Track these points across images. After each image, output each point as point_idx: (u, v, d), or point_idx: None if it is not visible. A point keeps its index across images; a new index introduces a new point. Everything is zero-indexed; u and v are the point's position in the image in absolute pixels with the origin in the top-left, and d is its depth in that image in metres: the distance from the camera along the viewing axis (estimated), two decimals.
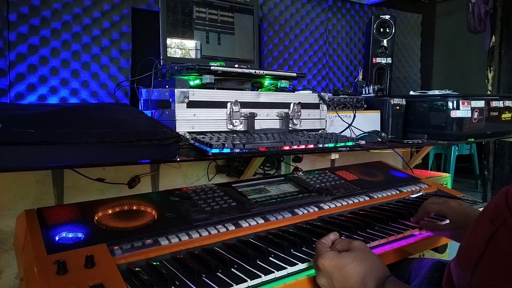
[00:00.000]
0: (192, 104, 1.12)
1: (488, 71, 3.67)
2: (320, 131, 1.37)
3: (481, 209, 1.12)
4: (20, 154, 0.75)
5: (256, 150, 1.03)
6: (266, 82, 1.39)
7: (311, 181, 1.22)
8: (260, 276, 0.70)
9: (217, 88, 1.23)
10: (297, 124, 1.31)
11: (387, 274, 0.68)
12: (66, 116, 0.94)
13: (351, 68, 2.20)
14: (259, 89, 1.38)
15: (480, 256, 0.51)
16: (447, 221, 0.96)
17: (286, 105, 1.29)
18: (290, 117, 1.29)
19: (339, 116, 1.42)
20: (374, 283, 0.66)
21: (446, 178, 2.09)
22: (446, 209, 0.94)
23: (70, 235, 0.78)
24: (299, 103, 1.30)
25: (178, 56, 1.43)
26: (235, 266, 0.73)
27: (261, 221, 0.93)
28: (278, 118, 1.28)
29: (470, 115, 1.55)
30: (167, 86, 1.18)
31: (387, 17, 1.99)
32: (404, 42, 2.40)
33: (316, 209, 1.04)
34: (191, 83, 1.25)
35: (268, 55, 1.88)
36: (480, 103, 1.58)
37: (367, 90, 1.83)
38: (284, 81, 1.38)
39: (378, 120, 1.62)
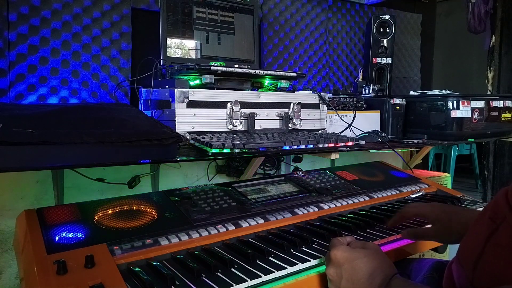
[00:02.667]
0: (192, 104, 1.12)
1: (488, 71, 3.67)
2: (320, 131, 1.37)
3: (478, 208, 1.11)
4: (20, 154, 0.75)
5: (256, 150, 1.03)
6: (266, 82, 1.39)
7: (311, 181, 1.22)
8: (260, 276, 0.70)
9: (217, 88, 1.23)
10: (297, 124, 1.31)
11: (394, 272, 0.68)
12: (66, 116, 0.94)
13: (351, 68, 2.20)
14: (259, 89, 1.38)
15: (481, 253, 0.51)
16: (429, 226, 0.90)
17: (286, 105, 1.29)
18: (290, 117, 1.29)
19: (339, 116, 1.42)
20: (381, 278, 0.66)
21: (446, 178, 2.09)
22: (425, 211, 0.90)
23: (70, 235, 0.78)
24: (299, 103, 1.30)
25: (178, 56, 1.43)
26: (235, 266, 0.73)
27: (261, 221, 0.93)
28: (278, 118, 1.28)
29: (470, 115, 1.55)
30: (167, 86, 1.18)
31: (387, 17, 1.99)
32: (404, 42, 2.40)
33: (316, 209, 1.04)
34: (191, 83, 1.25)
35: (268, 55, 1.88)
36: (480, 103, 1.58)
37: (367, 90, 1.83)
38: (284, 81, 1.38)
39: (378, 120, 1.62)
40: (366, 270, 0.68)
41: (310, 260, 0.77)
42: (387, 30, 2.00)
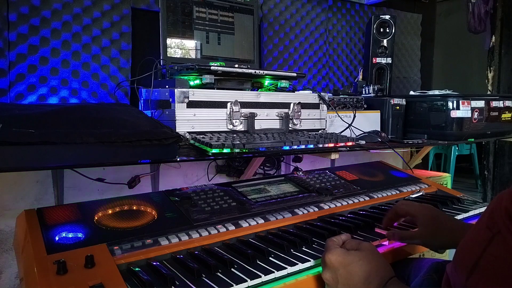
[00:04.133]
0: (192, 104, 1.12)
1: (488, 71, 3.67)
2: (320, 131, 1.37)
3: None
4: (20, 154, 0.75)
5: (256, 150, 1.03)
6: (266, 82, 1.39)
7: (311, 181, 1.22)
8: (260, 276, 0.70)
9: (217, 88, 1.23)
10: (297, 124, 1.31)
11: (391, 275, 0.68)
12: (66, 116, 0.94)
13: (351, 68, 2.20)
14: (259, 89, 1.38)
15: (476, 262, 0.51)
16: (416, 229, 0.88)
17: (286, 105, 1.29)
18: (290, 117, 1.29)
19: (339, 116, 1.42)
20: (378, 282, 0.66)
21: (446, 178, 2.09)
22: (415, 212, 0.88)
23: (70, 235, 0.78)
24: (299, 103, 1.30)
25: (178, 56, 1.43)
26: (235, 266, 0.73)
27: (261, 221, 0.93)
28: (278, 118, 1.28)
29: (470, 115, 1.55)
30: (167, 86, 1.18)
31: (387, 17, 1.99)
32: (404, 42, 2.40)
33: (316, 209, 1.04)
34: (191, 83, 1.25)
35: (268, 55, 1.88)
36: (480, 103, 1.58)
37: (367, 90, 1.83)
38: (284, 81, 1.38)
39: (378, 120, 1.62)
40: (362, 274, 0.68)
41: (310, 260, 0.77)
42: (387, 30, 2.00)
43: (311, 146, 1.12)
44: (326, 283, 0.72)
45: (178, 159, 0.97)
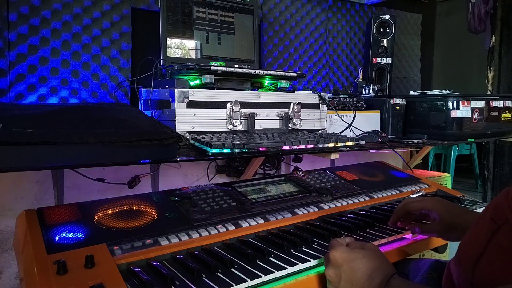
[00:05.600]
0: (192, 104, 1.12)
1: (488, 71, 3.67)
2: (320, 131, 1.37)
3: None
4: (20, 154, 0.75)
5: (256, 150, 1.03)
6: (266, 82, 1.39)
7: (311, 181, 1.22)
8: (260, 276, 0.70)
9: (217, 88, 1.23)
10: (297, 124, 1.31)
11: (393, 271, 0.68)
12: (66, 116, 0.94)
13: (351, 68, 2.20)
14: (259, 89, 1.38)
15: (481, 253, 0.51)
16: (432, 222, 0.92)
17: (286, 105, 1.29)
18: (290, 117, 1.29)
19: (339, 116, 1.42)
20: (380, 279, 0.66)
21: (446, 178, 2.09)
22: (430, 206, 0.91)
23: (70, 235, 0.78)
24: (299, 103, 1.30)
25: (178, 56, 1.43)
26: (235, 266, 0.73)
27: (261, 221, 0.93)
28: (278, 118, 1.28)
29: (470, 115, 1.55)
30: (167, 86, 1.18)
31: (387, 17, 1.99)
32: (404, 42, 2.40)
33: (316, 209, 1.04)
34: (191, 83, 1.25)
35: (268, 55, 1.88)
36: (480, 103, 1.58)
37: (367, 90, 1.83)
38: (284, 81, 1.38)
39: (378, 120, 1.62)
40: (365, 271, 0.68)
41: (310, 260, 0.77)
42: (387, 30, 2.00)
43: (311, 146, 1.12)
44: (329, 279, 0.73)
45: (178, 159, 0.97)
